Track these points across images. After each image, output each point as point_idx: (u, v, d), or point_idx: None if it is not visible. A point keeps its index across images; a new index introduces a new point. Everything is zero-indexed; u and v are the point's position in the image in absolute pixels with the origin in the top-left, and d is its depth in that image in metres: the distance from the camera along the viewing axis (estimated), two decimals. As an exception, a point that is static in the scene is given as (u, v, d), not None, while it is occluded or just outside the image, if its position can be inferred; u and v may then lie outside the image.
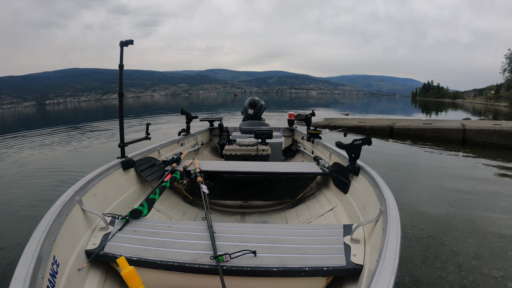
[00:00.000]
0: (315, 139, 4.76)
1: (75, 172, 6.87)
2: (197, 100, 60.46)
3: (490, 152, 9.32)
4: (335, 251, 1.76)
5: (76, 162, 8.24)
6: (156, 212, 2.98)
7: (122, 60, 2.72)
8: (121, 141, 2.93)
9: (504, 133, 9.98)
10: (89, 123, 20.19)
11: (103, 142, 11.72)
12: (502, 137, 10.01)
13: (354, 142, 2.69)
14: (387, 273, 1.19)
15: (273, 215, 3.48)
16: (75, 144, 11.37)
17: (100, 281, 1.81)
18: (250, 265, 1.65)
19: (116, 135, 12.71)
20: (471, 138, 10.56)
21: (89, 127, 17.45)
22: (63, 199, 1.88)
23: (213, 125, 6.77)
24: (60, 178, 6.46)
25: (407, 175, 6.72)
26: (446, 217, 4.33)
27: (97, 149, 10.25)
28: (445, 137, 10.92)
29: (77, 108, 60.95)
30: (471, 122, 13.05)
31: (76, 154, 9.44)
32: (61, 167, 7.58)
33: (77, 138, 13.17)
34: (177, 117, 21.48)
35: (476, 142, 10.39)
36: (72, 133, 14.98)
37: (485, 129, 10.39)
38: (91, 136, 13.63)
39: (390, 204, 1.83)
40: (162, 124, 17.99)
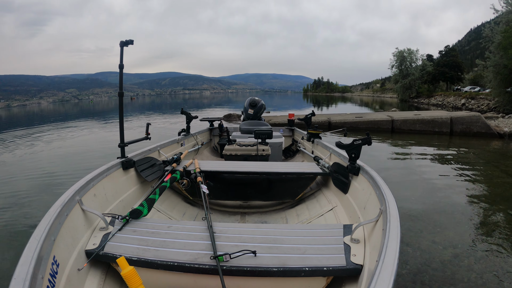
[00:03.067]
0: (315, 139, 4.76)
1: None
2: (88, 106, 55.54)
3: (415, 137, 11.65)
4: (335, 251, 1.77)
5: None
6: (156, 212, 3.00)
7: (122, 60, 2.77)
8: (121, 141, 2.93)
9: (425, 121, 12.30)
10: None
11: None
12: (423, 124, 12.34)
13: (354, 142, 2.71)
14: (387, 273, 1.21)
15: (273, 215, 3.50)
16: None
17: (100, 281, 1.82)
18: (250, 265, 1.66)
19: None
20: (399, 127, 12.54)
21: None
22: (63, 199, 1.88)
23: (213, 125, 6.75)
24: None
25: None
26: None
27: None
28: (377, 128, 12.68)
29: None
30: (396, 113, 15.35)
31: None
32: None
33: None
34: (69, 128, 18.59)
35: (403, 130, 12.40)
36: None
37: (409, 119, 12.53)
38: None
39: (390, 204, 1.84)
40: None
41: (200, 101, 63.14)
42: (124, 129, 2.92)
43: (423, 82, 52.90)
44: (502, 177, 6.76)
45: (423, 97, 50.45)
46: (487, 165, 7.82)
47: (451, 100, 39.01)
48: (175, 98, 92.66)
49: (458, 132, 11.94)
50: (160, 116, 24.33)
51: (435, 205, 4.86)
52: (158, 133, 11.92)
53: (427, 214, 4.46)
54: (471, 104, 32.02)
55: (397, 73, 54.14)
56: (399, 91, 54.29)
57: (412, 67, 52.30)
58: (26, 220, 4.38)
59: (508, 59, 20.59)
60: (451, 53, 56.73)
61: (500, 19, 23.66)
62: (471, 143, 10.39)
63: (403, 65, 52.95)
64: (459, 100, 36.24)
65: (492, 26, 24.39)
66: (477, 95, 33.58)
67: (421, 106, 38.94)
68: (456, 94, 40.69)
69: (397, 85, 54.73)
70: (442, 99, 42.53)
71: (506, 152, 9.28)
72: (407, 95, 52.86)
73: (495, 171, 7.22)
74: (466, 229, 4.02)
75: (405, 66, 52.88)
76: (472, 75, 56.19)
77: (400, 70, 53.20)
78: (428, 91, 51.32)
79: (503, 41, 20.57)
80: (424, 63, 52.69)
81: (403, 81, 52.42)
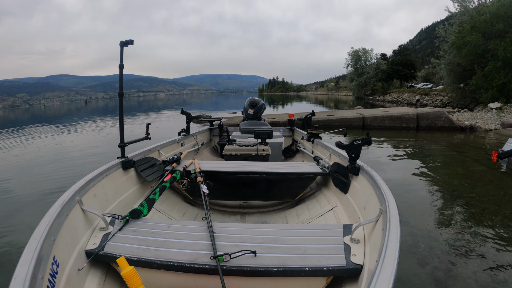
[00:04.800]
0: (315, 139, 4.75)
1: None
2: (39, 112, 52.47)
3: (384, 132, 12.10)
4: (335, 251, 1.76)
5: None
6: (156, 212, 2.99)
7: (122, 60, 2.75)
8: (121, 141, 2.91)
9: (394, 117, 12.85)
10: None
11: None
12: (392, 120, 12.87)
13: (354, 142, 2.71)
14: (387, 273, 1.21)
15: (273, 215, 3.48)
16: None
17: (100, 281, 1.81)
18: (250, 265, 1.66)
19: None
20: (369, 124, 12.97)
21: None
22: (63, 199, 1.87)
23: (213, 125, 6.71)
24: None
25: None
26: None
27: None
28: (349, 125, 12.95)
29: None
30: (366, 111, 15.95)
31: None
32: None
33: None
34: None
35: (373, 127, 12.84)
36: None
37: (379, 116, 13.00)
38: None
39: (390, 204, 1.84)
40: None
41: (155, 104, 61.38)
42: (77, 137, 2.79)
43: (377, 80, 55.44)
44: (467, 165, 7.32)
45: (378, 94, 52.90)
46: (452, 155, 8.44)
47: (406, 96, 41.02)
48: (129, 101, 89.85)
49: (424, 127, 12.56)
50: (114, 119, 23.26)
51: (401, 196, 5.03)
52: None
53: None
54: (425, 100, 33.80)
55: (352, 72, 56.35)
56: (355, 89, 56.53)
57: (367, 65, 54.48)
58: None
59: (462, 58, 21.85)
60: (405, 52, 59.80)
61: (454, 20, 25.30)
62: (436, 137, 10.86)
63: (358, 64, 55.11)
64: (413, 96, 38.14)
65: (446, 27, 26.01)
66: (430, 92, 35.53)
67: (376, 103, 40.57)
68: (410, 91, 42.88)
69: (352, 83, 56.94)
70: (397, 96, 44.66)
71: (468, 143, 10.00)
72: (363, 92, 55.21)
73: (460, 160, 7.80)
74: (427, 218, 4.23)
75: (360, 65, 55.07)
76: (424, 73, 59.50)
77: (356, 69, 55.44)
78: (383, 89, 53.89)
79: (457, 41, 21.72)
80: (378, 62, 55.12)
81: (359, 80, 54.63)
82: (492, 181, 5.98)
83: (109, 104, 69.80)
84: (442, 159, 8.02)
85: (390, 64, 56.45)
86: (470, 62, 21.04)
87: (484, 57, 19.99)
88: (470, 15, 22.45)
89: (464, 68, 22.41)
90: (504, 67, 18.50)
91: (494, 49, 19.11)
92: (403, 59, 56.70)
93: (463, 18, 23.88)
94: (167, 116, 23.83)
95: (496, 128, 12.39)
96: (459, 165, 7.33)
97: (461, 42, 20.82)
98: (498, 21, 19.55)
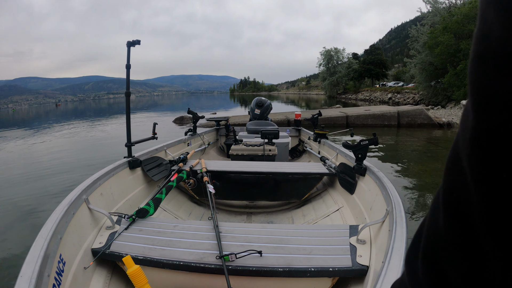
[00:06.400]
0: (321, 139, 4.76)
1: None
2: (7, 116, 50.00)
3: (367, 130, 12.11)
4: (341, 251, 1.76)
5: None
6: (162, 212, 3.02)
7: (129, 60, 2.82)
8: (128, 140, 2.94)
9: (376, 115, 13.13)
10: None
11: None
12: (375, 118, 13.14)
13: (361, 143, 2.71)
14: (393, 274, 1.20)
15: (279, 215, 3.49)
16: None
17: (106, 279, 1.83)
18: (256, 265, 1.66)
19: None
20: (353, 122, 13.20)
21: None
22: (70, 198, 1.89)
23: (220, 125, 6.71)
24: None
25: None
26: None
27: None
28: (334, 123, 13.20)
29: None
30: (349, 109, 16.27)
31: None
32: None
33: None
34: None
35: (357, 125, 13.06)
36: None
37: (362, 114, 13.27)
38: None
39: (397, 205, 1.84)
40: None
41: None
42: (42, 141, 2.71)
43: (349, 79, 56.70)
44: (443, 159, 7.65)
45: (350, 93, 54.15)
46: (437, 150, 8.70)
47: (378, 95, 42.11)
48: (99, 104, 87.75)
49: (404, 124, 12.82)
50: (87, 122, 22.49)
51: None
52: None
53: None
54: (397, 98, 34.78)
55: (324, 71, 57.85)
56: (327, 88, 58.13)
57: (339, 65, 55.67)
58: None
59: (434, 57, 22.72)
60: (376, 51, 61.52)
61: (426, 21, 26.29)
62: (417, 133, 11.23)
63: (331, 63, 56.28)
64: (385, 94, 39.17)
65: (418, 28, 27.00)
66: (402, 90, 36.62)
67: (348, 101, 41.43)
68: (382, 89, 44.06)
69: (325, 82, 58.39)
70: (369, 94, 45.80)
71: (449, 139, 10.41)
72: (335, 91, 56.52)
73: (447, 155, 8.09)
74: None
75: (332, 64, 56.26)
76: (395, 72, 61.44)
77: (328, 68, 56.64)
78: (355, 87, 55.17)
79: (429, 41, 22.65)
80: (350, 61, 56.43)
81: (331, 79, 55.90)
82: None
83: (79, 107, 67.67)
84: (430, 154, 8.30)
85: (362, 63, 58.02)
86: (442, 61, 21.88)
87: (456, 56, 20.80)
88: (442, 17, 23.39)
89: (436, 67, 23.31)
90: (476, 66, 19.18)
91: (466, 48, 19.88)
92: (374, 59, 58.39)
93: (435, 19, 24.90)
94: (140, 118, 23.16)
95: (472, 124, 12.94)
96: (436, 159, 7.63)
97: (434, 42, 21.69)
98: (470, 22, 20.42)
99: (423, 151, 8.67)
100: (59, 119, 29.10)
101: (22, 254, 3.25)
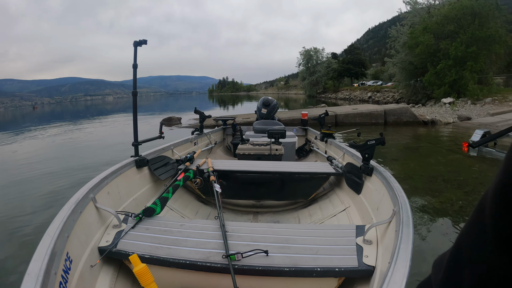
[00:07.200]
0: (328, 139, 4.76)
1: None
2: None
3: (357, 127, 12.51)
4: (347, 252, 1.76)
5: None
6: (169, 211, 3.03)
7: (136, 60, 2.84)
8: (135, 139, 2.95)
9: (364, 114, 13.48)
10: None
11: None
12: (363, 117, 13.49)
13: (368, 143, 2.71)
14: (400, 275, 1.20)
15: (286, 215, 3.48)
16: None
17: (112, 277, 1.84)
18: (262, 264, 1.66)
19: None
20: (341, 121, 13.45)
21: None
22: (77, 196, 1.90)
23: (227, 124, 6.71)
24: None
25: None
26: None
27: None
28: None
29: None
30: (337, 108, 16.70)
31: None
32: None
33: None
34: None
35: (345, 123, 13.30)
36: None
37: (350, 113, 13.56)
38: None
39: (403, 205, 1.83)
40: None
41: (103, 108, 58.37)
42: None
43: (329, 78, 57.46)
44: (444, 154, 8.02)
45: (329, 92, 54.87)
46: (427, 146, 9.03)
47: (358, 94, 42.87)
48: (76, 106, 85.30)
49: (391, 122, 13.21)
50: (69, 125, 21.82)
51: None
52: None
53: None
54: (377, 96, 35.51)
55: (304, 71, 58.25)
56: (307, 87, 58.54)
57: (318, 64, 56.35)
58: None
59: (414, 57, 23.35)
60: (355, 51, 62.60)
61: (406, 21, 27.02)
62: (404, 131, 11.60)
63: (310, 63, 56.86)
64: (365, 93, 39.92)
65: (398, 28, 27.73)
66: (381, 88, 37.39)
67: (328, 100, 41.69)
68: (362, 88, 44.86)
69: (304, 82, 58.84)
70: (349, 93, 46.60)
71: (435, 136, 10.87)
72: (315, 91, 57.18)
73: (436, 151, 8.37)
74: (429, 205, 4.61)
75: (312, 64, 56.84)
76: (373, 71, 62.62)
77: (307, 68, 57.20)
78: (334, 87, 55.99)
79: (409, 41, 23.24)
80: (329, 61, 57.20)
81: (310, 78, 56.43)
82: (471, 166, 6.75)
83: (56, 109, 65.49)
84: (420, 150, 8.60)
85: (341, 63, 58.89)
86: (422, 60, 22.49)
87: (436, 56, 21.44)
88: (422, 17, 24.09)
89: (416, 66, 23.98)
90: (455, 65, 19.96)
91: (446, 48, 20.58)
92: (353, 58, 59.37)
93: (415, 19, 25.63)
94: (117, 120, 22.66)
95: (454, 121, 13.44)
96: (437, 154, 7.96)
97: (414, 42, 22.28)
98: (449, 23, 21.12)
99: (414, 148, 8.95)
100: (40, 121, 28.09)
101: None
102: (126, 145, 3.57)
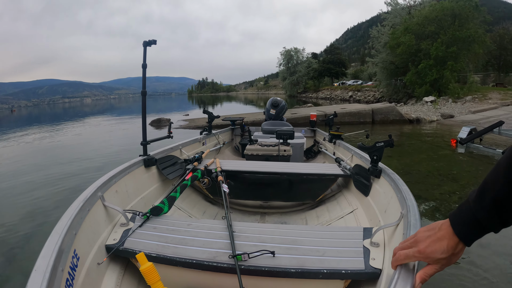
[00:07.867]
0: (336, 140, 4.75)
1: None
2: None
3: (345, 127, 12.84)
4: (354, 254, 1.75)
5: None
6: (176, 210, 3.03)
7: (145, 60, 2.88)
8: (144, 139, 2.97)
9: (352, 113, 13.80)
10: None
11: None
12: (351, 116, 13.80)
13: (377, 144, 2.70)
14: (406, 278, 1.18)
15: (293, 216, 3.48)
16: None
17: (119, 275, 1.86)
18: (268, 265, 1.66)
19: None
20: (330, 120, 13.62)
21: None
22: (85, 194, 1.92)
23: (235, 125, 6.66)
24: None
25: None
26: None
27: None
28: (313, 121, 13.61)
29: None
30: (326, 107, 16.79)
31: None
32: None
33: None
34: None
35: (335, 122, 13.45)
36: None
37: (339, 112, 13.49)
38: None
39: (411, 208, 1.82)
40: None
41: (81, 110, 56.72)
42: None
43: (309, 78, 58.04)
44: (434, 151, 8.39)
45: (310, 92, 55.40)
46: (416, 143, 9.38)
47: (339, 93, 43.44)
48: (54, 108, 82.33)
49: (378, 120, 13.56)
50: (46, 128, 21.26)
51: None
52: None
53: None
54: (358, 95, 36.06)
55: (284, 71, 58.67)
56: (287, 87, 59.28)
57: (299, 64, 56.86)
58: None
59: (395, 57, 23.93)
60: (335, 51, 63.49)
61: (387, 22, 27.63)
62: (391, 129, 11.95)
63: (291, 63, 57.33)
64: (346, 93, 40.45)
65: (379, 28, 28.32)
66: (362, 88, 38.03)
67: (309, 100, 41.90)
68: (343, 87, 45.47)
69: (285, 81, 59.48)
70: (330, 93, 47.16)
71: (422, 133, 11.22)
72: (295, 90, 57.68)
73: (426, 148, 8.80)
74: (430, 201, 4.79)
75: (292, 64, 57.31)
76: (353, 70, 63.61)
77: (288, 68, 57.67)
78: (315, 86, 56.60)
79: (390, 42, 23.73)
80: (310, 61, 57.80)
81: (291, 78, 56.93)
82: (462, 161, 7.20)
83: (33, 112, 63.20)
84: (412, 147, 8.91)
85: (322, 63, 59.61)
86: (404, 60, 23.05)
87: (417, 56, 21.97)
88: (403, 18, 24.66)
89: (396, 66, 24.53)
90: (436, 65, 20.52)
91: (427, 48, 21.11)
92: (334, 58, 60.21)
93: (395, 20, 26.25)
94: (98, 123, 22.16)
95: (438, 119, 13.98)
96: (428, 151, 8.31)
97: (395, 42, 22.74)
98: (430, 24, 21.67)
99: (405, 144, 9.22)
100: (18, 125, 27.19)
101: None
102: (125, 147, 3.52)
